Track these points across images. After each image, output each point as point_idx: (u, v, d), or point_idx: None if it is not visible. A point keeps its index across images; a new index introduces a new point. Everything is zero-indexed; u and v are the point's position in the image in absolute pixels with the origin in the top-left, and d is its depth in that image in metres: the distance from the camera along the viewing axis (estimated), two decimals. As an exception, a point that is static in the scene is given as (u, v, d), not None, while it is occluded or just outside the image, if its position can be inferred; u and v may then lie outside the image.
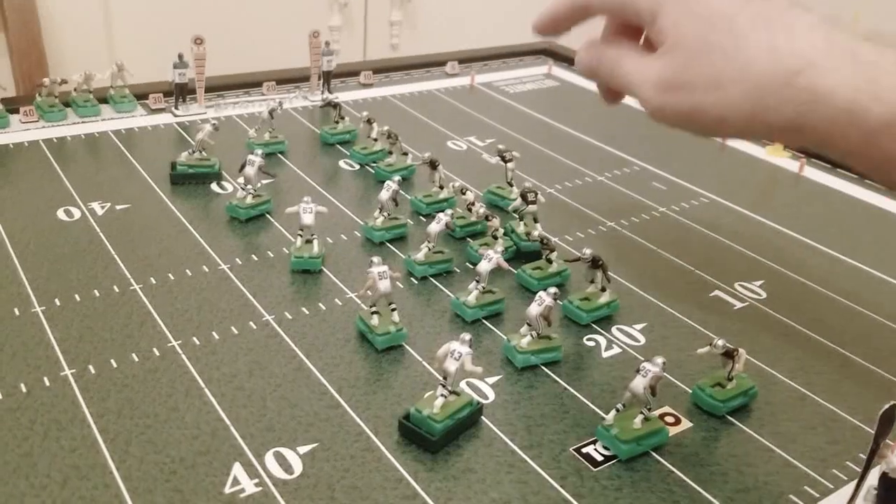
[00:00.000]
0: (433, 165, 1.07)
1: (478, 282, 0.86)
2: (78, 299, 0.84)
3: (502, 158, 1.09)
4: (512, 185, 1.09)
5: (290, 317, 0.84)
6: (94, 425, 0.68)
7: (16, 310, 0.82)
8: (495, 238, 0.96)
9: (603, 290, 0.87)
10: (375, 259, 0.80)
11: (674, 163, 1.26)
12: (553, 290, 0.78)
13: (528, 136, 1.33)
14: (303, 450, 0.67)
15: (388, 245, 0.99)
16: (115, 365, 0.75)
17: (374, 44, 2.20)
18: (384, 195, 0.98)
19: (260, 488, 0.63)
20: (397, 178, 0.99)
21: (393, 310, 0.81)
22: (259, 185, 1.03)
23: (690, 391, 0.76)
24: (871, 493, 0.63)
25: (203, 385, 0.74)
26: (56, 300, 0.84)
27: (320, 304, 0.86)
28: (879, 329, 0.89)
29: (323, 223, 0.99)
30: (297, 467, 0.66)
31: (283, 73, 1.47)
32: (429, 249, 0.93)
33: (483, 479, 0.66)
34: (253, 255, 0.94)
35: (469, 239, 1.00)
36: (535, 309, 0.78)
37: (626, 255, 1.00)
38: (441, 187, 1.08)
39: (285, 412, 0.71)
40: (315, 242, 0.93)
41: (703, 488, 0.66)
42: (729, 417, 0.74)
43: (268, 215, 1.03)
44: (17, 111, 1.24)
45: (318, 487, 0.64)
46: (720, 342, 0.73)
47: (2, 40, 1.65)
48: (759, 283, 0.96)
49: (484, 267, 0.85)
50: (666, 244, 1.03)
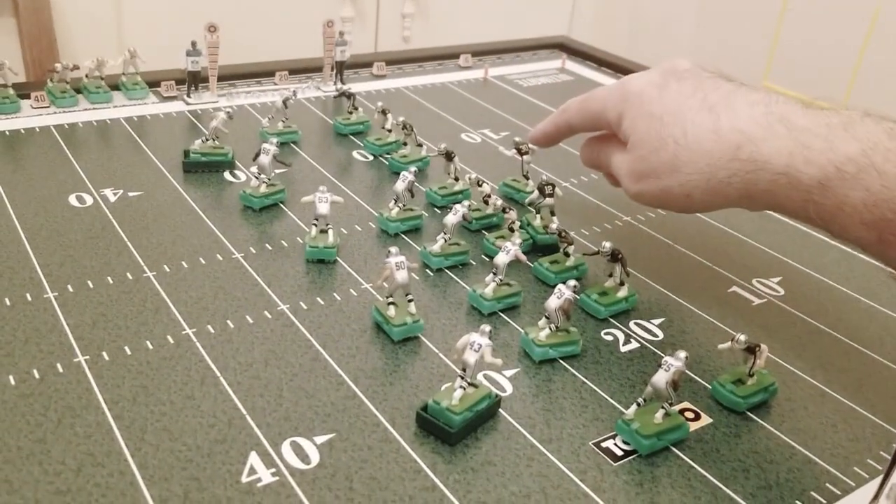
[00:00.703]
0: (449, 157, 1.06)
1: (495, 274, 0.85)
2: (91, 286, 0.83)
3: (518, 151, 1.08)
4: (528, 178, 1.08)
5: (305, 307, 0.83)
6: (109, 412, 0.67)
7: (28, 295, 0.81)
8: (512, 231, 0.95)
9: (621, 284, 0.86)
10: (393, 249, 0.80)
11: (689, 158, 1.25)
12: (572, 283, 0.77)
13: (541, 130, 1.32)
14: (320, 440, 0.67)
15: (403, 236, 0.98)
16: (128, 352, 0.75)
17: (385, 35, 2.19)
18: (400, 186, 0.97)
19: (277, 478, 0.63)
20: (413, 170, 0.99)
21: (410, 301, 0.80)
22: (273, 174, 1.03)
23: (710, 387, 0.75)
24: (894, 491, 0.63)
25: (218, 373, 0.73)
26: (69, 286, 0.83)
27: (335, 295, 0.86)
28: (899, 328, 0.88)
29: (337, 214, 0.99)
30: (315, 457, 0.65)
31: (295, 63, 1.46)
32: (445, 241, 0.92)
33: (502, 471, 0.65)
34: (267, 245, 0.93)
35: (485, 231, 0.99)
36: (554, 302, 0.77)
37: (642, 250, 0.99)
38: (456, 179, 1.07)
39: (302, 402, 0.70)
40: (330, 232, 0.92)
41: (725, 484, 0.65)
42: (749, 414, 0.73)
43: (281, 205, 1.02)
44: (28, 96, 1.23)
45: (335, 478, 0.63)
46: (742, 337, 0.72)
47: (13, 25, 1.64)
48: (776, 279, 0.95)
49: (501, 259, 0.84)
50: (683, 239, 1.02)
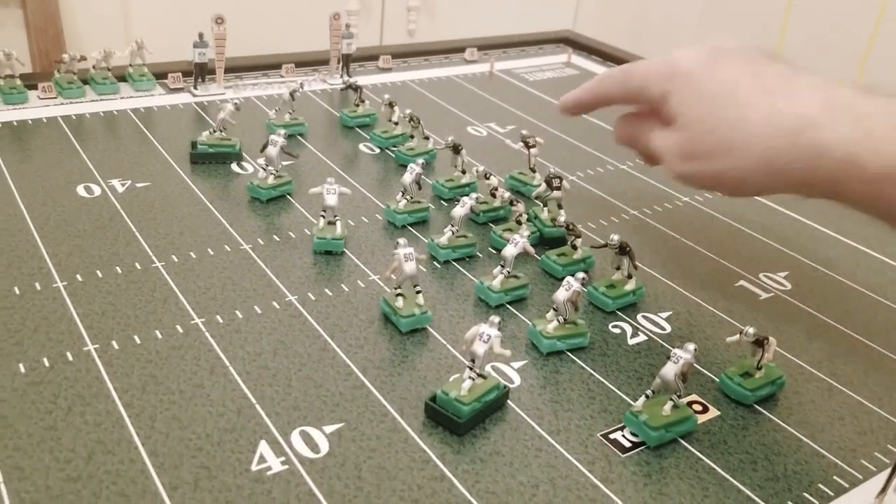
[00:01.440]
0: (456, 150, 1.06)
1: (503, 266, 0.85)
2: (100, 275, 0.84)
3: (525, 144, 1.08)
4: (535, 172, 1.08)
5: (313, 298, 0.83)
6: (119, 400, 0.68)
7: (37, 284, 0.81)
8: (519, 223, 0.95)
9: (629, 277, 0.86)
10: (401, 241, 0.80)
11: (695, 153, 1.25)
12: (581, 275, 0.77)
13: (548, 124, 1.32)
14: (329, 429, 0.67)
15: (410, 228, 0.98)
16: (138, 341, 0.75)
17: (391, 29, 2.19)
18: (407, 178, 0.97)
19: (286, 466, 0.63)
20: (420, 162, 0.99)
21: (418, 292, 0.81)
22: (280, 165, 1.03)
23: (718, 379, 0.76)
24: (903, 485, 0.63)
25: (228, 363, 0.73)
26: (78, 276, 0.83)
27: (343, 286, 0.86)
28: (906, 322, 0.88)
29: (345, 206, 0.99)
30: (324, 446, 0.65)
31: (302, 56, 1.46)
32: (452, 233, 0.92)
33: (511, 462, 0.65)
34: (274, 236, 0.94)
35: (491, 224, 0.99)
36: (562, 294, 0.77)
37: (649, 244, 0.99)
38: (463, 172, 1.07)
39: (311, 392, 0.71)
40: (338, 224, 0.92)
41: (732, 476, 0.66)
42: (756, 406, 0.73)
43: (288, 196, 1.02)
44: (35, 87, 1.23)
45: (345, 467, 0.63)
46: (751, 330, 0.72)
47: (20, 16, 1.64)
48: (783, 274, 0.95)
49: (510, 251, 0.84)
50: (690, 233, 1.02)
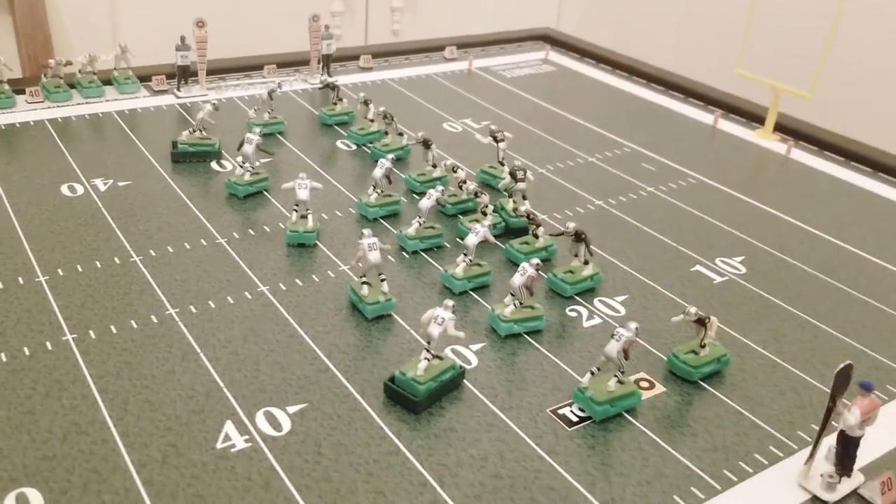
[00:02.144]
0: (426, 145, 1.10)
1: (466, 255, 0.89)
2: (80, 270, 0.88)
3: (494, 139, 1.11)
4: (503, 165, 1.12)
5: (284, 288, 0.87)
6: (94, 386, 0.72)
7: (20, 279, 0.85)
8: (484, 214, 0.99)
9: (586, 263, 0.90)
10: (366, 231, 0.83)
11: (665, 145, 1.29)
12: (535, 260, 0.81)
13: (523, 119, 1.36)
14: (292, 409, 0.71)
15: (382, 221, 1.02)
16: (114, 331, 0.79)
17: (375, 29, 2.23)
18: (378, 173, 1.01)
19: (250, 444, 0.67)
20: (391, 157, 1.03)
21: (382, 280, 0.84)
22: (258, 163, 1.07)
23: (666, 358, 0.79)
24: (832, 452, 0.66)
25: (199, 350, 0.77)
26: (59, 270, 0.87)
27: (314, 277, 0.90)
28: (855, 303, 0.92)
29: (319, 200, 1.03)
30: (287, 425, 0.69)
31: (283, 57, 1.50)
32: (420, 224, 0.96)
33: (463, 437, 0.69)
34: (250, 230, 0.97)
35: (460, 216, 1.03)
36: (517, 279, 0.81)
37: (611, 232, 1.03)
38: (434, 166, 1.11)
39: (277, 375, 0.75)
40: (310, 217, 0.96)
41: (673, 447, 0.69)
42: (702, 383, 0.77)
43: (266, 192, 1.06)
44: (23, 92, 1.27)
45: (305, 443, 0.67)
46: (692, 310, 0.76)
47: (8, 23, 1.68)
48: (739, 258, 0.99)
49: (471, 240, 0.88)
50: (651, 222, 1.06)
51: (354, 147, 1.22)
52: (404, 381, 0.72)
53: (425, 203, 0.95)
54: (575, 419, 0.72)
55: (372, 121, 1.23)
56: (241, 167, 1.05)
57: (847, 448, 0.65)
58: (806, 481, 0.66)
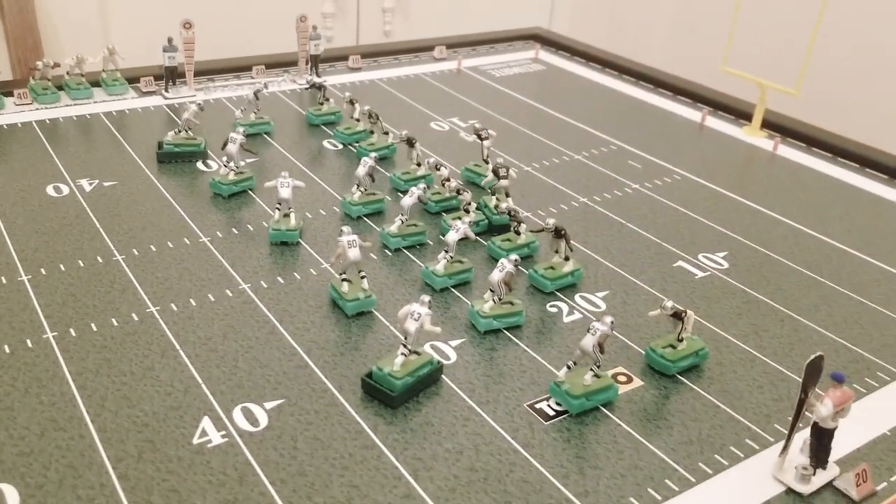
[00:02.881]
0: (410, 143, 1.10)
1: (447, 251, 0.89)
2: (63, 269, 0.88)
3: (478, 136, 1.12)
4: (488, 163, 1.12)
5: (265, 285, 0.88)
6: (73, 383, 0.72)
7: (2, 278, 0.86)
8: (467, 211, 0.99)
9: (566, 259, 0.90)
10: (345, 229, 0.84)
11: (652, 143, 1.29)
12: (514, 257, 0.81)
13: (511, 118, 1.36)
14: (269, 405, 0.71)
15: (366, 219, 1.02)
16: (95, 328, 0.79)
17: (366, 30, 2.24)
18: (361, 171, 1.01)
19: (226, 439, 0.67)
20: (373, 155, 1.03)
21: (362, 277, 0.85)
22: (243, 163, 1.07)
23: (644, 352, 0.79)
24: (806, 445, 0.66)
25: (178, 347, 0.77)
26: (42, 269, 0.88)
27: (296, 274, 0.90)
28: (837, 298, 0.92)
29: (303, 199, 1.03)
30: (263, 420, 0.69)
31: (272, 58, 1.51)
32: (402, 222, 0.96)
33: (439, 431, 0.69)
34: (233, 229, 0.98)
35: (444, 213, 1.03)
36: (496, 275, 0.81)
37: (595, 229, 1.03)
38: (419, 164, 1.11)
39: (255, 371, 0.75)
40: (292, 216, 0.96)
41: (648, 440, 0.69)
42: (680, 377, 0.77)
43: (250, 192, 1.06)
44: (11, 94, 1.28)
45: (281, 438, 0.67)
46: (669, 304, 0.76)
47: (-1, 27, 1.70)
48: (722, 254, 0.99)
49: (452, 237, 0.88)
50: (636, 218, 1.06)
51: (341, 146, 1.22)
52: (381, 376, 0.72)
53: (407, 200, 0.96)
54: (552, 413, 0.72)
55: (358, 120, 1.24)
56: (226, 166, 1.06)
57: (821, 440, 0.65)
58: (781, 473, 0.66)
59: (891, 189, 1.20)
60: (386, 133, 1.21)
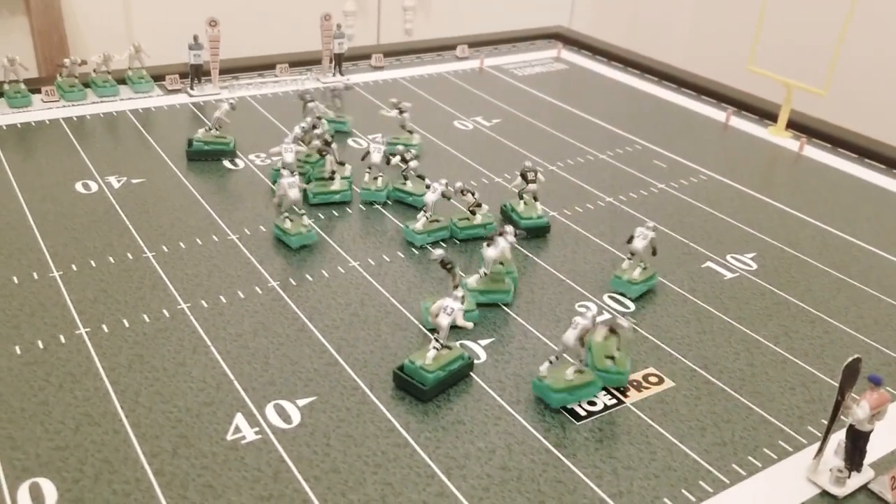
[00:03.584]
0: (401, 111, 1.17)
1: (424, 211, 0.96)
2: (93, 265, 0.88)
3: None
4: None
5: (294, 283, 0.88)
6: (106, 378, 0.72)
7: (35, 274, 0.86)
8: (473, 213, 0.98)
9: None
10: (285, 172, 0.92)
11: (677, 142, 1.29)
12: (510, 228, 0.86)
13: (534, 117, 1.36)
14: (301, 402, 0.71)
15: (382, 210, 1.02)
16: (126, 324, 0.79)
17: (387, 29, 2.24)
18: (376, 157, 1.04)
19: (260, 436, 0.67)
20: (384, 139, 1.06)
21: (302, 215, 0.93)
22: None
23: (672, 352, 0.79)
24: (841, 447, 0.66)
25: (209, 343, 0.78)
26: (73, 265, 0.88)
27: (323, 272, 0.90)
28: (867, 299, 0.91)
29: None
30: (296, 418, 0.69)
31: (296, 56, 1.51)
32: (426, 219, 0.96)
33: (471, 430, 0.69)
34: (261, 227, 0.98)
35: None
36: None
37: (622, 229, 1.03)
38: (410, 132, 1.18)
39: (286, 368, 0.75)
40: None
41: (681, 441, 0.69)
42: (711, 378, 0.77)
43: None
44: (38, 91, 1.29)
45: (314, 435, 0.68)
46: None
47: (25, 23, 1.70)
48: (751, 255, 0.99)
49: (430, 198, 0.95)
50: (663, 218, 1.06)
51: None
52: (413, 369, 0.72)
53: (431, 197, 0.96)
54: (583, 413, 0.72)
55: (410, 132, 1.20)
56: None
57: (856, 443, 0.64)
58: (815, 476, 0.66)
59: (918, 190, 1.19)
60: (410, 132, 1.20)
